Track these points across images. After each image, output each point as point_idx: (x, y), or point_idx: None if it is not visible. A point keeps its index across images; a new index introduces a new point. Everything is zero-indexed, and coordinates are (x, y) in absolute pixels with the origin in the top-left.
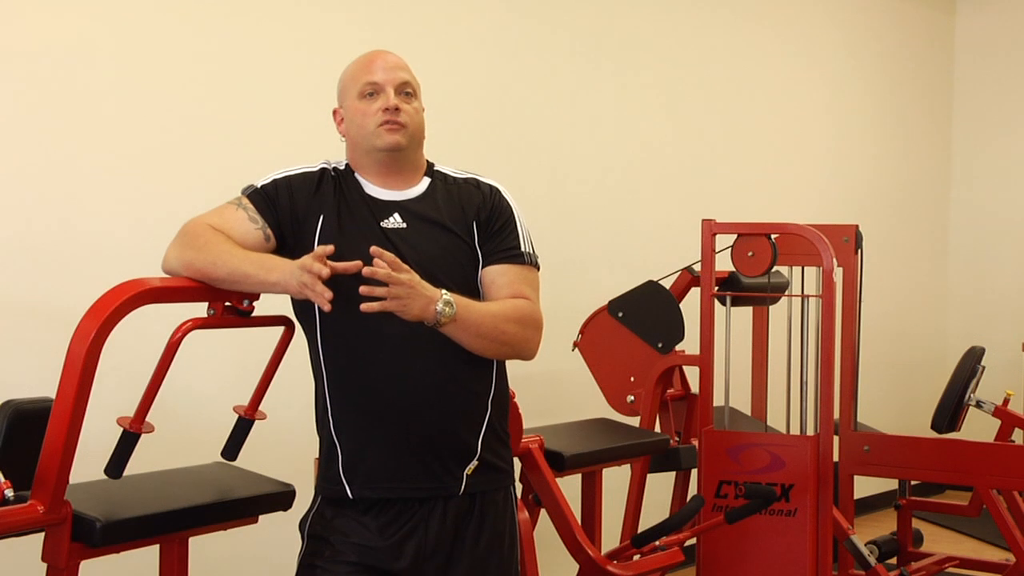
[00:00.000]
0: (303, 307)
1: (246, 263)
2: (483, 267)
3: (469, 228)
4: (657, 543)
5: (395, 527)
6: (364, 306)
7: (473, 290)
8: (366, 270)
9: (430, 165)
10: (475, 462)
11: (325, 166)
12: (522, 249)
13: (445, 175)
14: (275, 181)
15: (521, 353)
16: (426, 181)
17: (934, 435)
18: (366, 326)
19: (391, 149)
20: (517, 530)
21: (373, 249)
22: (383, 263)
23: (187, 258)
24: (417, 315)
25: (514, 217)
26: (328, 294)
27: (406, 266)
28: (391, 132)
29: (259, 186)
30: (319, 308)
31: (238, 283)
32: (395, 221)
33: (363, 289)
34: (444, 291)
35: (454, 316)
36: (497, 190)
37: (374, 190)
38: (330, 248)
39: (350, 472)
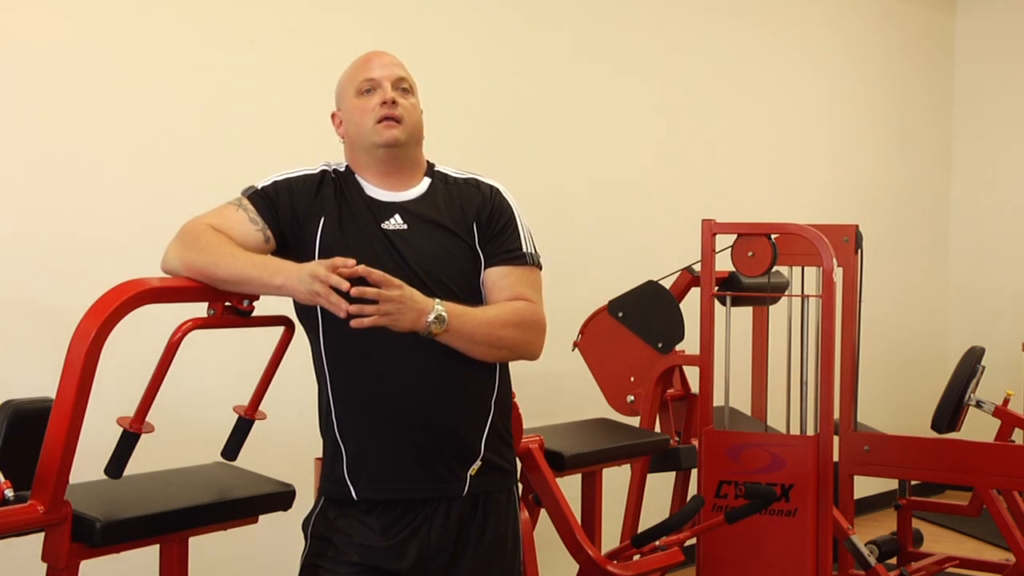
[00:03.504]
0: (305, 309)
1: (248, 266)
2: (485, 268)
3: (470, 229)
4: (657, 543)
5: (398, 527)
6: (354, 323)
7: (474, 291)
8: (354, 291)
9: (430, 165)
10: (478, 463)
11: (325, 168)
12: (524, 250)
13: (445, 175)
14: (275, 183)
15: (523, 356)
16: (426, 181)
17: (934, 435)
18: (368, 327)
19: (390, 145)
20: (520, 531)
21: (361, 268)
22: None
23: (188, 259)
24: (408, 328)
25: (515, 218)
26: (345, 304)
27: (397, 280)
28: (389, 128)
29: (259, 187)
30: (321, 310)
31: (240, 285)
32: (396, 222)
33: (351, 308)
34: (437, 302)
35: (446, 328)
36: (498, 190)
37: (374, 191)
38: (352, 261)
39: (354, 473)
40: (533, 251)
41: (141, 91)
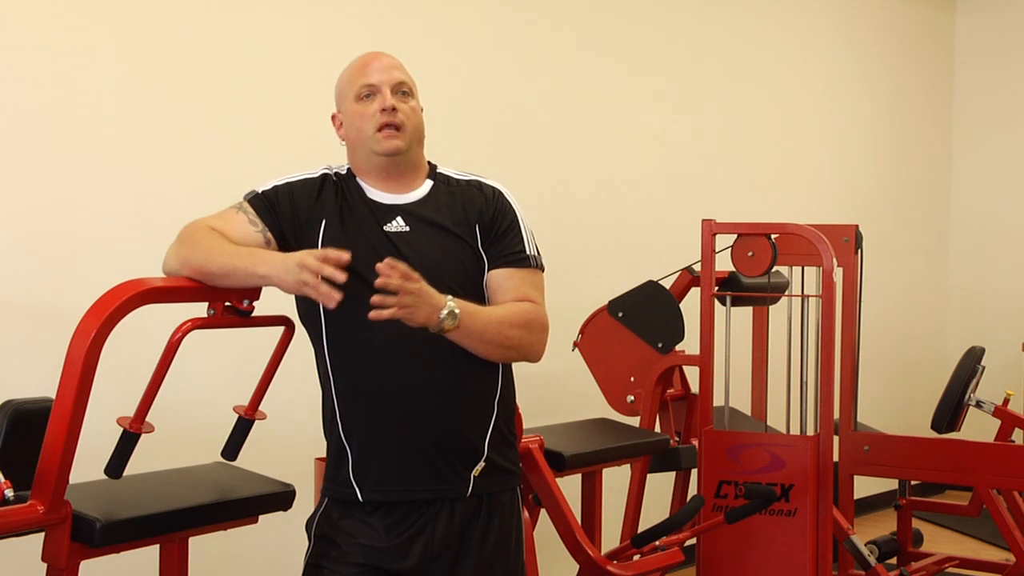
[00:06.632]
0: (308, 312)
1: (235, 257)
2: (488, 271)
3: (472, 230)
4: (657, 543)
5: (402, 528)
6: (373, 314)
7: (477, 292)
8: (379, 281)
9: (433, 167)
10: (482, 463)
11: (327, 172)
12: (527, 252)
13: (448, 177)
14: (276, 187)
15: (527, 356)
16: (428, 184)
17: (934, 435)
18: (372, 329)
19: (390, 154)
20: (523, 531)
21: (388, 260)
22: (388, 270)
23: (183, 256)
24: (422, 322)
25: (518, 220)
26: (337, 295)
27: (416, 274)
28: (389, 137)
29: (260, 192)
30: (324, 312)
31: (228, 277)
32: (398, 225)
33: (375, 299)
34: (450, 298)
35: (457, 324)
36: (500, 192)
37: (376, 194)
38: (347, 255)
39: (360, 475)
40: (536, 253)
41: (141, 92)
